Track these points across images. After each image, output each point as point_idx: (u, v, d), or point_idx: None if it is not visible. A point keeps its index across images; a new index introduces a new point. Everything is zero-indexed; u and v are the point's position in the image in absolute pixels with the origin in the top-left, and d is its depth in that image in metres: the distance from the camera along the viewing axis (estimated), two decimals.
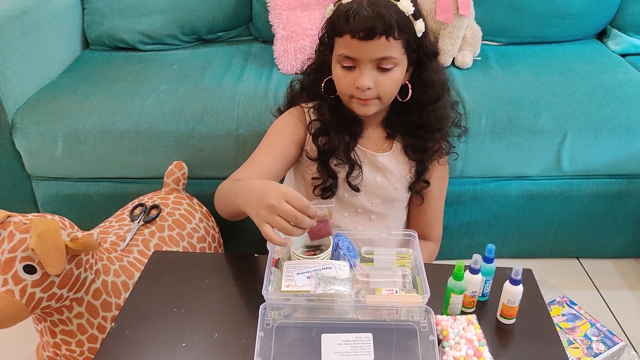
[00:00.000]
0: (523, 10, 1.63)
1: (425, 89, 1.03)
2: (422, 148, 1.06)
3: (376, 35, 0.90)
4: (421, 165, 1.08)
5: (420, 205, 1.13)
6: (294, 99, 1.11)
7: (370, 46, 0.91)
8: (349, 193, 1.07)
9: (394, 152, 1.08)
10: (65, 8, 1.58)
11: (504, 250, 1.52)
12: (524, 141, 1.32)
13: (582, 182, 1.41)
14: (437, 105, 1.05)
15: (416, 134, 1.06)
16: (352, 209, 1.09)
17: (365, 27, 0.90)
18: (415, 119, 1.05)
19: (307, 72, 1.10)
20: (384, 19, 0.89)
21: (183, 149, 1.33)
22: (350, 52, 0.94)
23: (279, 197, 0.74)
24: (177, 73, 1.50)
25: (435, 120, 1.05)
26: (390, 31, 0.90)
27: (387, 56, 0.93)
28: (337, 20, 0.95)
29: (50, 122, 1.31)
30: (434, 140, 1.07)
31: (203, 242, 1.24)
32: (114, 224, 1.18)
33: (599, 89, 1.39)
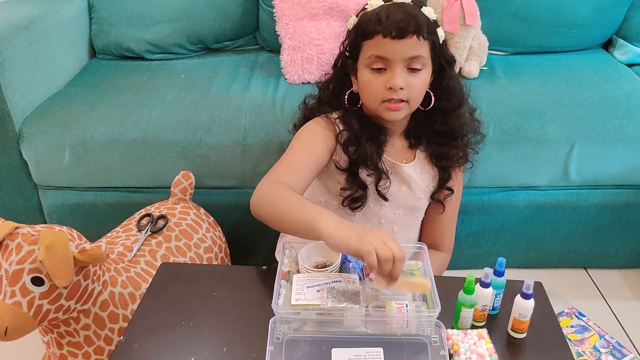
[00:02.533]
0: (529, 20, 1.63)
1: (449, 96, 1.04)
2: (447, 155, 1.07)
3: (408, 33, 0.92)
4: (446, 173, 1.09)
5: (441, 214, 1.13)
6: (311, 113, 1.10)
7: (402, 45, 0.93)
8: (374, 203, 1.07)
9: (418, 162, 1.08)
10: (73, 17, 1.58)
11: (512, 261, 1.51)
12: (532, 151, 1.32)
13: (590, 193, 1.40)
14: (460, 111, 1.07)
15: (442, 141, 1.07)
16: (375, 220, 1.08)
17: (398, 26, 0.91)
18: (441, 127, 1.06)
19: (325, 86, 1.10)
20: (416, 19, 0.92)
21: (190, 158, 1.33)
22: (382, 52, 0.94)
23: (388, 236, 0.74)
24: (184, 82, 1.50)
25: (460, 127, 1.07)
26: (421, 30, 0.93)
27: (418, 55, 0.94)
28: (368, 23, 0.96)
29: (57, 132, 1.32)
30: (458, 147, 1.08)
31: (210, 252, 1.24)
32: (121, 234, 1.18)
33: (606, 99, 1.39)
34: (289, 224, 0.85)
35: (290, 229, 0.85)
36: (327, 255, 0.86)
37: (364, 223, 1.08)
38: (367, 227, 0.75)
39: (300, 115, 1.15)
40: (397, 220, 1.09)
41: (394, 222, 1.09)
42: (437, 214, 1.14)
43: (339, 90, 1.07)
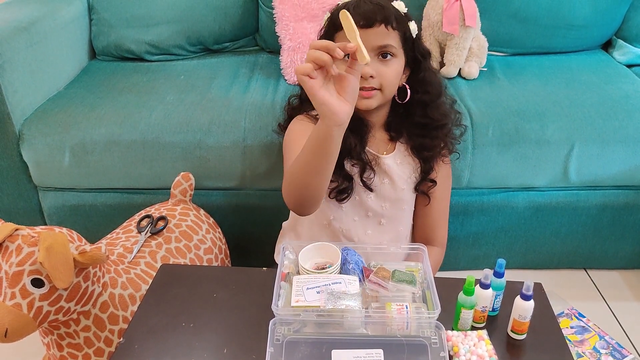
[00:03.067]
0: (528, 21, 1.64)
1: (426, 88, 1.06)
2: (429, 146, 1.08)
3: (376, 22, 0.95)
4: (427, 164, 1.09)
5: (427, 206, 1.13)
6: (294, 112, 1.12)
7: (371, 34, 0.95)
8: (360, 195, 1.08)
9: (398, 153, 1.09)
10: (73, 19, 1.58)
11: (511, 262, 1.51)
12: (531, 152, 1.32)
13: (590, 193, 1.40)
14: (439, 102, 1.09)
15: (423, 133, 1.08)
16: (362, 212, 1.09)
17: (367, 15, 0.95)
18: (421, 119, 1.07)
19: None
20: (384, 9, 0.96)
21: (190, 159, 1.33)
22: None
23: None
24: (183, 83, 1.51)
25: (439, 117, 1.08)
26: (389, 20, 0.96)
27: (387, 44, 0.97)
28: (337, 16, 0.96)
29: (57, 133, 1.32)
30: (439, 137, 1.09)
31: (210, 253, 1.24)
32: (121, 235, 1.18)
33: (606, 100, 1.39)
34: (311, 163, 0.81)
35: (316, 166, 0.81)
36: (326, 256, 0.86)
37: (352, 216, 1.09)
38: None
39: (285, 115, 1.17)
40: (384, 213, 1.10)
41: (381, 215, 1.10)
42: (424, 206, 1.14)
43: None
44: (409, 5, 1.55)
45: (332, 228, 1.10)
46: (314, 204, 0.88)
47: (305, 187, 0.84)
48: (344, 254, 0.85)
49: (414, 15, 1.47)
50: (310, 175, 0.82)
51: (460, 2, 1.45)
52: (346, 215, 1.09)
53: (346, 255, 0.84)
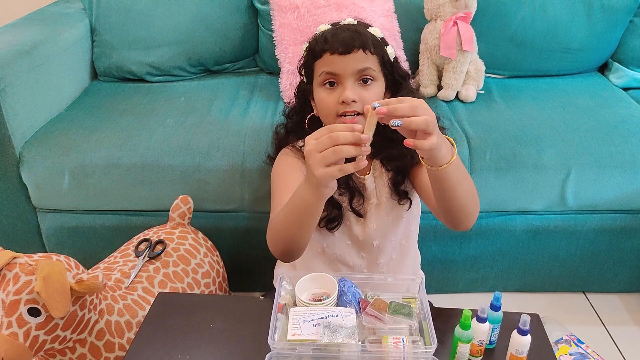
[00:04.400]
0: (525, 44, 1.65)
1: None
2: (396, 156, 1.06)
3: (354, 48, 0.96)
4: (398, 175, 1.07)
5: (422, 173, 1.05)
6: (281, 143, 1.12)
7: (350, 59, 0.97)
8: (349, 220, 1.07)
9: (374, 169, 1.09)
10: (75, 41, 1.60)
11: (510, 285, 1.51)
12: (529, 177, 1.32)
13: (587, 217, 1.41)
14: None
15: (391, 145, 1.06)
16: (353, 236, 1.09)
17: (344, 42, 0.97)
18: (391, 133, 1.01)
19: (290, 115, 1.14)
20: (360, 35, 0.98)
21: (189, 182, 1.33)
22: (332, 67, 0.98)
23: (308, 142, 0.75)
24: (184, 105, 1.52)
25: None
26: (367, 45, 0.97)
27: (367, 67, 0.98)
28: (315, 44, 1.01)
29: (57, 156, 1.32)
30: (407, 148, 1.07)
31: (207, 277, 1.23)
32: (118, 259, 1.18)
33: (602, 125, 1.40)
34: (296, 222, 0.86)
35: (301, 225, 0.87)
36: (323, 287, 0.86)
37: (344, 241, 1.09)
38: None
39: (272, 146, 1.17)
40: (375, 234, 1.09)
41: (372, 237, 1.09)
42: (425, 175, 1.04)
43: (301, 118, 1.10)
44: (407, 29, 1.57)
45: (327, 254, 1.10)
46: (298, 253, 0.92)
47: (290, 241, 0.89)
48: (341, 285, 0.85)
49: (412, 39, 1.49)
50: (295, 230, 0.87)
51: (457, 27, 1.47)
52: (339, 241, 1.09)
53: (343, 287, 0.84)
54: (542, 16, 1.62)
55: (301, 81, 1.09)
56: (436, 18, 1.52)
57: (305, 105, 1.09)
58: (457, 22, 1.47)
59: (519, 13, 1.62)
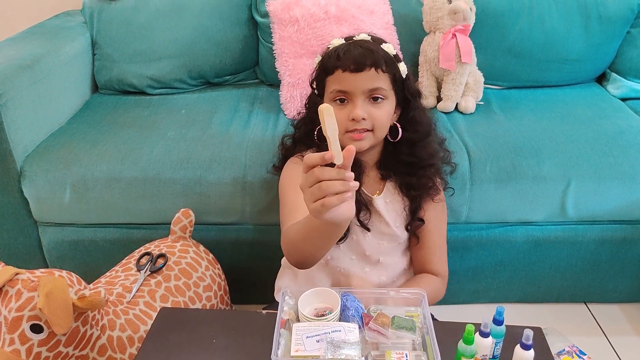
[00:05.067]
0: (523, 55, 1.66)
1: (415, 127, 1.08)
2: (416, 185, 1.08)
3: (366, 67, 0.97)
4: (414, 203, 1.09)
5: (417, 244, 1.13)
6: (288, 153, 1.14)
7: (361, 78, 0.97)
8: (357, 234, 1.08)
9: (387, 192, 1.10)
10: (76, 54, 1.61)
11: (511, 295, 1.51)
12: (529, 188, 1.33)
13: (587, 228, 1.41)
14: (427, 141, 1.10)
15: (409, 171, 1.09)
16: (359, 251, 1.09)
17: (356, 60, 0.97)
18: (407, 157, 1.08)
19: (299, 125, 1.15)
20: (373, 53, 0.98)
21: (190, 195, 1.33)
22: (343, 85, 0.99)
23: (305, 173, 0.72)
24: (185, 118, 1.52)
25: (426, 156, 1.09)
26: (379, 63, 0.98)
27: (378, 87, 0.98)
28: (328, 60, 1.02)
29: (58, 170, 1.32)
30: (426, 176, 1.10)
31: (209, 290, 1.23)
32: (120, 273, 1.18)
33: (601, 136, 1.40)
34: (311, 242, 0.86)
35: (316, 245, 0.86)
36: (326, 301, 0.87)
37: (349, 255, 1.09)
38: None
39: (279, 156, 1.18)
40: (381, 250, 1.10)
41: (378, 253, 1.10)
42: (414, 245, 1.13)
43: (311, 128, 1.10)
44: (406, 42, 1.58)
45: (330, 267, 1.11)
46: (313, 264, 0.92)
47: (305, 255, 0.89)
48: (344, 300, 0.85)
49: (411, 51, 1.50)
50: (310, 247, 0.86)
51: (456, 40, 1.48)
52: (344, 254, 1.09)
53: (346, 301, 0.85)
54: (540, 28, 1.63)
55: (312, 93, 1.10)
56: (435, 30, 1.53)
57: (316, 116, 1.09)
58: (456, 35, 1.48)
59: (516, 25, 1.63)
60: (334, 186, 0.69)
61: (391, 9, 1.60)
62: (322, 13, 1.50)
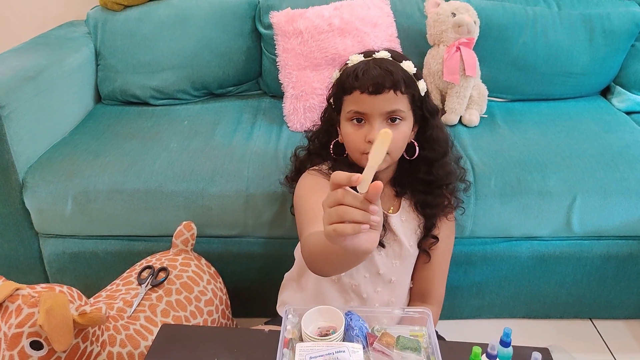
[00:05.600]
0: (527, 69, 1.66)
1: (433, 146, 1.06)
2: (432, 203, 1.08)
3: (385, 89, 0.95)
4: (430, 221, 1.09)
5: (426, 263, 1.13)
6: (302, 165, 1.12)
7: (380, 100, 0.95)
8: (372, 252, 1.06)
9: (403, 210, 1.09)
10: (80, 65, 1.61)
11: (516, 311, 1.50)
12: (534, 203, 1.32)
13: (593, 243, 1.40)
14: (445, 160, 1.08)
15: (426, 190, 1.08)
16: (374, 269, 1.08)
17: (375, 81, 0.94)
18: (425, 176, 1.07)
19: (314, 138, 1.14)
20: (392, 75, 0.95)
21: (192, 208, 1.33)
22: (360, 107, 0.97)
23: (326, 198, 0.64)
24: (187, 129, 1.51)
25: (444, 175, 1.08)
26: (398, 85, 0.95)
27: (396, 109, 0.97)
28: (346, 79, 0.99)
29: (61, 181, 1.32)
30: (443, 195, 1.09)
31: (210, 305, 1.22)
32: (121, 287, 1.17)
33: (607, 151, 1.39)
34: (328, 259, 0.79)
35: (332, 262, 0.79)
36: (330, 320, 0.85)
37: (363, 272, 1.08)
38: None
39: (292, 167, 1.17)
40: (394, 271, 1.09)
41: (391, 273, 1.09)
42: (423, 263, 1.13)
43: (326, 141, 1.10)
44: (410, 54, 1.58)
45: (342, 283, 1.09)
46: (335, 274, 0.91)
47: (327, 269, 0.84)
48: (348, 319, 0.84)
49: (415, 64, 1.50)
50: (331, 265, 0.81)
51: (460, 53, 1.47)
52: (357, 271, 1.07)
53: (350, 321, 0.83)
54: (544, 41, 1.63)
55: (328, 106, 1.09)
56: (439, 43, 1.53)
57: (332, 130, 1.09)
58: (460, 48, 1.47)
59: (520, 38, 1.63)
60: (352, 214, 0.61)
61: (395, 21, 1.60)
62: (325, 25, 1.50)
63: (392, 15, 1.60)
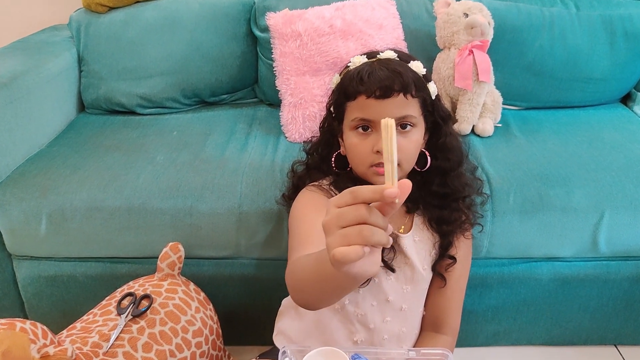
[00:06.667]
0: (544, 74, 1.55)
1: (446, 155, 0.97)
2: (448, 219, 0.97)
3: (394, 92, 0.85)
4: (446, 239, 0.98)
5: (442, 287, 1.01)
6: (300, 182, 1.02)
7: (388, 105, 0.85)
8: (379, 277, 0.95)
9: (416, 229, 0.98)
10: (61, 71, 1.50)
11: (535, 338, 1.38)
12: (557, 221, 1.20)
13: (621, 264, 1.28)
14: (460, 170, 0.99)
15: (441, 204, 0.98)
16: (382, 296, 0.96)
17: (383, 84, 0.84)
18: (439, 188, 0.97)
19: (312, 151, 1.04)
20: (401, 76, 0.85)
21: (179, 227, 1.21)
22: (366, 114, 0.87)
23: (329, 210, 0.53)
24: (176, 141, 1.40)
25: (460, 187, 0.98)
26: (408, 88, 0.85)
27: (407, 114, 0.87)
28: (349, 83, 0.89)
29: (34, 199, 1.20)
30: (459, 209, 0.99)
31: (199, 336, 1.10)
32: (98, 317, 1.04)
33: (635, 162, 1.28)
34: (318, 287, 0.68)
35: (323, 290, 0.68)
36: None
37: (370, 300, 0.96)
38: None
39: (289, 184, 1.07)
40: (405, 297, 0.98)
41: (402, 300, 0.97)
42: (438, 288, 1.02)
43: (327, 154, 1.00)
44: (418, 59, 1.47)
45: (346, 312, 0.97)
46: (321, 308, 0.76)
47: (312, 300, 0.73)
48: None
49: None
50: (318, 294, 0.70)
51: (473, 57, 1.36)
52: (363, 299, 0.96)
53: None
54: (562, 44, 1.52)
55: (328, 115, 0.98)
56: (450, 46, 1.42)
57: (333, 141, 0.99)
58: (473, 51, 1.36)
59: (537, 41, 1.52)
60: (380, 236, 0.51)
61: (401, 23, 1.50)
62: (327, 27, 1.39)
63: (398, 16, 1.50)
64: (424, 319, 1.05)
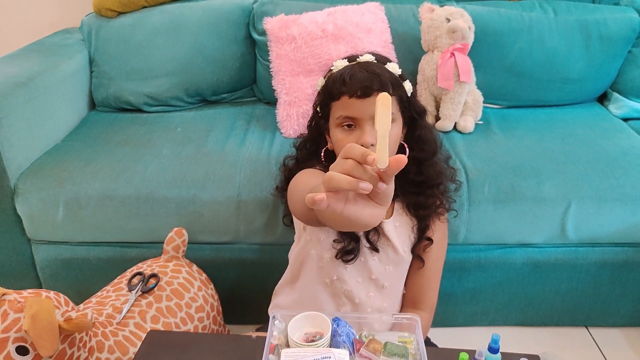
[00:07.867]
0: (523, 75, 1.65)
1: (422, 146, 1.06)
2: (424, 204, 1.07)
3: (373, 92, 0.94)
4: (423, 222, 1.08)
5: (420, 268, 1.12)
6: (291, 174, 1.11)
7: (369, 103, 0.95)
8: (365, 257, 1.06)
9: (396, 214, 1.08)
10: (74, 72, 1.61)
11: (510, 319, 1.48)
12: (528, 210, 1.30)
13: (588, 250, 1.38)
14: (434, 160, 1.08)
15: (418, 191, 1.08)
16: (366, 274, 1.07)
17: (363, 85, 0.94)
18: (415, 177, 1.07)
19: (301, 147, 1.13)
20: (379, 77, 0.95)
21: (183, 214, 1.32)
22: (350, 112, 0.96)
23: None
24: (180, 136, 1.51)
25: (435, 175, 1.08)
26: (386, 87, 0.95)
27: None
28: (333, 85, 0.99)
29: (52, 188, 1.31)
30: (435, 195, 1.09)
31: (201, 311, 1.21)
32: (111, 293, 1.16)
33: (602, 157, 1.38)
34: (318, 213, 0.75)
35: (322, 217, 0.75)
36: (317, 326, 0.84)
37: (356, 277, 1.07)
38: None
39: (282, 177, 1.17)
40: (387, 276, 1.08)
41: (385, 278, 1.08)
42: (417, 269, 1.12)
43: (314, 150, 1.09)
44: (404, 60, 1.58)
45: (334, 287, 1.08)
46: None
47: (310, 218, 0.83)
48: (334, 325, 0.83)
49: (410, 70, 1.50)
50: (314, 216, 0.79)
51: (454, 59, 1.47)
52: (350, 276, 1.07)
53: (336, 327, 0.82)
54: (540, 47, 1.62)
55: (315, 114, 1.08)
56: (433, 49, 1.53)
57: (320, 138, 1.09)
58: (455, 54, 1.47)
59: (516, 44, 1.62)
60: (361, 176, 0.57)
61: (389, 27, 1.60)
62: (319, 31, 1.50)
63: (386, 21, 1.60)
64: (404, 296, 1.16)
